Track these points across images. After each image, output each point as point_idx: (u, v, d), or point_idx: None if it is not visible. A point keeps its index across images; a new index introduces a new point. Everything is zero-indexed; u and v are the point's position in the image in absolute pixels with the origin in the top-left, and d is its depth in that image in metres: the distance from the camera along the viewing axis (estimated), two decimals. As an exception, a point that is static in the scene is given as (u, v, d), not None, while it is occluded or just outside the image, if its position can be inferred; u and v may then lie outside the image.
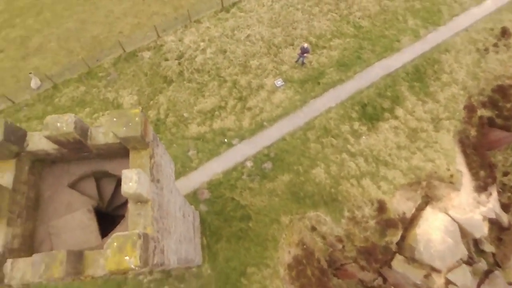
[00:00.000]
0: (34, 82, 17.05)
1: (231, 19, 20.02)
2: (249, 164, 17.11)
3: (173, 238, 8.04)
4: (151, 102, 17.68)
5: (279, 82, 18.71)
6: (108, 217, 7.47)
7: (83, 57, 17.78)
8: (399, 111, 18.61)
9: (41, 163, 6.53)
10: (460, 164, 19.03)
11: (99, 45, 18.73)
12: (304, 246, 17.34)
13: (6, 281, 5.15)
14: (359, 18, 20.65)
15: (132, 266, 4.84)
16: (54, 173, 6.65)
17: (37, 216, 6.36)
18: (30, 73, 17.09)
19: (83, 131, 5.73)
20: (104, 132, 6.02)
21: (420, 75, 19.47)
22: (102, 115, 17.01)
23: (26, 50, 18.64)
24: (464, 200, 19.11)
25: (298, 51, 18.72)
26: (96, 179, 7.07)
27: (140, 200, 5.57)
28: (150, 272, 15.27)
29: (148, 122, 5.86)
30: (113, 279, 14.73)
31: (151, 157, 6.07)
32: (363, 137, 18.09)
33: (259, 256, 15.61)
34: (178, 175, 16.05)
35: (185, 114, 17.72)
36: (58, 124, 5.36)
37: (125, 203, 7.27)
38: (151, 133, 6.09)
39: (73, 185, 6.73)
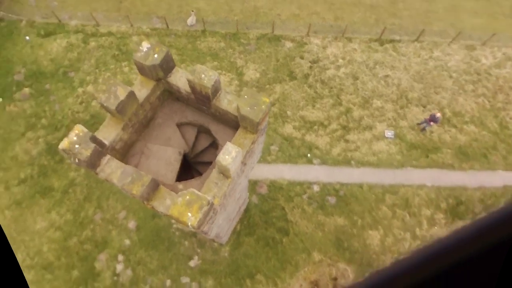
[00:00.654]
0: (191, 20, 19.04)
1: (380, 53, 19.47)
2: (315, 188, 16.89)
3: (224, 215, 8.46)
4: (268, 86, 18.39)
5: (389, 133, 17.80)
6: (187, 166, 8.16)
7: (238, 19, 19.19)
8: (496, 234, 16.28)
9: (169, 94, 7.36)
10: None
11: (256, 16, 19.96)
12: (317, 290, 16.70)
13: (97, 170, 6.03)
14: (510, 119, 18.31)
15: (189, 224, 5.26)
16: (172, 108, 7.45)
17: (142, 133, 7.24)
18: (193, 11, 19.11)
19: (215, 90, 6.28)
20: (230, 100, 6.50)
21: (543, 212, 16.64)
22: (224, 74, 18.29)
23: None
24: None
25: (427, 116, 17.51)
26: (197, 131, 7.73)
27: (224, 173, 5.95)
28: (182, 222, 16.31)
29: (268, 114, 6.15)
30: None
31: (253, 142, 6.39)
32: (436, 227, 16.44)
33: (274, 271, 15.51)
34: (252, 160, 16.58)
35: (288, 112, 18.06)
36: (203, 75, 5.95)
37: (207, 163, 7.83)
38: (265, 123, 6.40)
39: (179, 125, 7.47)
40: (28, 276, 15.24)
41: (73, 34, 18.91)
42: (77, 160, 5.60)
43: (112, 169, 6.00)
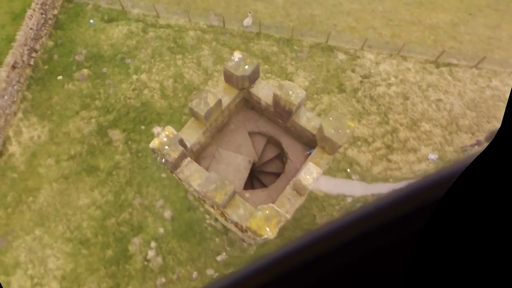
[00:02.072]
0: (247, 21, 19.23)
1: (435, 76, 18.93)
2: (349, 200, 16.89)
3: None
4: (315, 96, 18.32)
5: (432, 156, 17.42)
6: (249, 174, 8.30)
7: (293, 26, 19.21)
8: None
9: (245, 102, 7.51)
10: None
11: (312, 24, 19.90)
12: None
13: (177, 170, 6.26)
14: None
15: (265, 236, 5.38)
16: (246, 116, 7.61)
17: (215, 137, 7.44)
18: (250, 12, 19.28)
19: (297, 108, 6.35)
20: (309, 117, 6.56)
21: None
22: (273, 79, 18.37)
23: (257, -8, 20.98)
24: None
25: (474, 141, 17.08)
26: (266, 142, 7.85)
27: (300, 192, 6.03)
28: (216, 220, 16.61)
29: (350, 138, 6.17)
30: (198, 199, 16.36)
31: (328, 163, 6.43)
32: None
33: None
34: (293, 168, 16.67)
35: (333, 125, 17.95)
36: (290, 92, 6.04)
37: (270, 173, 7.94)
38: (342, 145, 6.42)
39: (250, 134, 7.61)
40: (66, 248, 15.99)
41: (134, 22, 19.58)
42: (163, 160, 5.83)
43: (190, 171, 6.21)
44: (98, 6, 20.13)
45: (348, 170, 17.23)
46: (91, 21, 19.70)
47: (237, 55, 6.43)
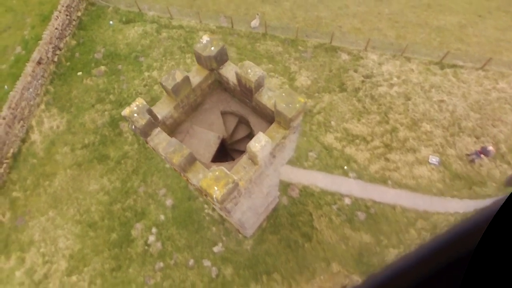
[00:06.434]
0: (255, 22, 20.13)
1: (438, 77, 18.91)
2: (347, 201, 16.93)
3: (248, 202, 9.16)
4: (316, 94, 18.80)
5: (434, 159, 17.25)
6: (225, 152, 9.01)
7: (299, 27, 19.87)
8: None
9: (218, 84, 8.26)
10: None
11: (317, 25, 20.48)
12: (329, 300, 16.69)
13: (148, 138, 7.06)
14: None
15: (214, 196, 6.03)
16: (219, 97, 8.34)
17: (190, 115, 8.21)
18: (258, 14, 20.17)
19: (258, 85, 7.01)
20: (270, 96, 7.20)
21: None
22: (276, 77, 19.07)
23: (267, -4, 21.92)
24: None
25: (478, 148, 16.75)
26: (238, 121, 8.54)
27: (253, 160, 6.66)
28: (213, 209, 17.31)
29: (302, 113, 6.74)
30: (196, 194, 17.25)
31: (284, 137, 7.02)
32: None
33: (291, 274, 15.84)
34: (290, 162, 17.13)
35: (332, 123, 18.31)
36: (249, 70, 6.72)
37: (243, 152, 8.60)
38: (298, 121, 6.99)
39: (223, 113, 8.33)
40: (75, 230, 17.21)
41: (149, 23, 21.00)
42: (133, 127, 6.66)
43: (159, 140, 7.01)
44: (117, 9, 21.75)
45: (345, 167, 17.48)
46: (111, 22, 21.32)
47: (205, 38, 7.20)
